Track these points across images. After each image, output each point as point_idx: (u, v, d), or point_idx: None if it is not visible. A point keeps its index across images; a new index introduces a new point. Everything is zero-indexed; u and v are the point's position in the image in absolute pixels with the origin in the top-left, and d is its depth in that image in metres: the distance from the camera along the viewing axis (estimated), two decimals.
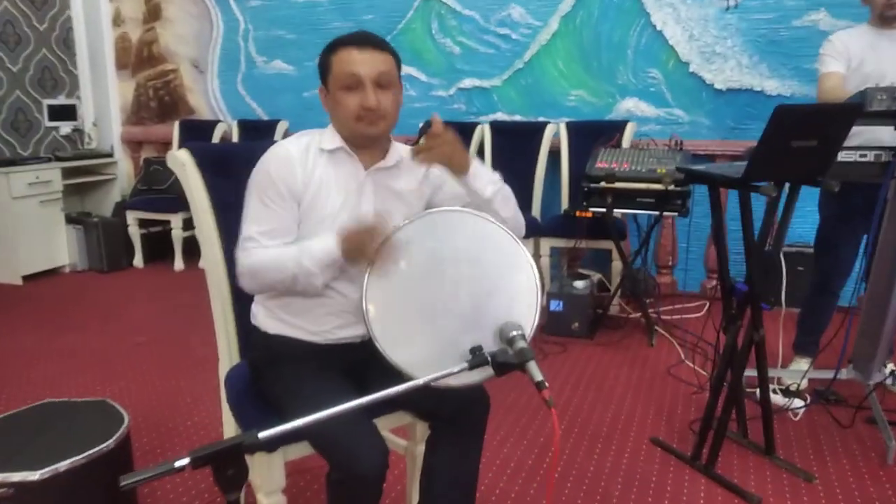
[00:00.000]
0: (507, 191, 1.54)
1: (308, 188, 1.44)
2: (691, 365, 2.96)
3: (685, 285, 4.03)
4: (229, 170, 1.67)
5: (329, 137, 1.49)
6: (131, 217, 4.82)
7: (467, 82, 4.36)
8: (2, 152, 4.73)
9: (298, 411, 1.35)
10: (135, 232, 4.84)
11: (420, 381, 1.15)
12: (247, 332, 1.62)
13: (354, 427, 1.32)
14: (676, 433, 2.41)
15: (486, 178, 1.49)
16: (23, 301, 4.08)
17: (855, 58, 2.51)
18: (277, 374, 1.47)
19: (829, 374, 2.52)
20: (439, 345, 1.30)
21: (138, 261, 4.90)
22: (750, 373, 2.25)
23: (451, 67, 4.38)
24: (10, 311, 3.87)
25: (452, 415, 1.50)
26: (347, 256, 1.37)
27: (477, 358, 1.17)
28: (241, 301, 1.66)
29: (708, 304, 3.77)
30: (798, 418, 2.51)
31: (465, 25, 4.30)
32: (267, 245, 1.43)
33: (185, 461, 0.91)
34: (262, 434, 0.98)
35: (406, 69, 4.46)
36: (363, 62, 1.41)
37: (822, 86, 2.57)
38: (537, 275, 1.34)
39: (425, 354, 1.30)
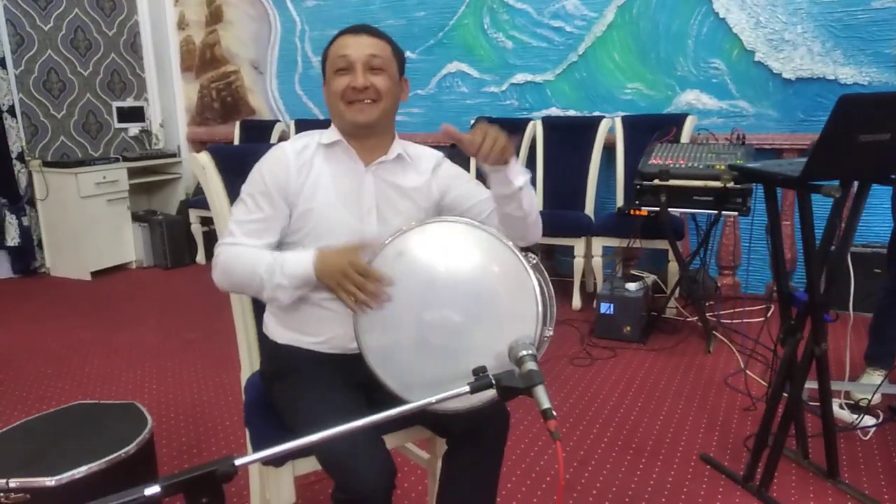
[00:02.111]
0: (530, 185, 1.48)
1: (303, 189, 1.41)
2: (750, 374, 2.77)
3: (749, 287, 3.79)
4: (248, 172, 1.64)
5: (328, 133, 1.47)
6: (194, 215, 4.94)
7: (520, 77, 4.24)
8: (73, 153, 4.95)
9: (302, 426, 1.33)
10: (197, 229, 4.97)
11: (417, 405, 1.07)
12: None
13: (357, 444, 1.25)
14: (729, 450, 2.25)
15: (518, 167, 1.43)
16: (89, 296, 4.25)
17: None
18: (285, 385, 1.43)
19: None
20: (442, 366, 1.23)
21: (200, 257, 5.03)
22: (813, 384, 2.06)
23: (504, 62, 4.27)
24: (77, 306, 4.04)
25: (468, 431, 1.42)
26: (321, 279, 1.32)
27: (480, 380, 1.08)
28: (262, 306, 1.63)
29: (773, 308, 3.53)
30: (868, 437, 2.29)
31: (518, 19, 4.18)
32: (246, 243, 1.40)
33: (155, 489, 0.87)
34: (239, 461, 0.93)
35: (458, 65, 4.45)
36: (353, 45, 1.40)
37: None
38: (539, 299, 1.24)
39: (427, 376, 1.23)
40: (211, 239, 5.04)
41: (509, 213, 1.44)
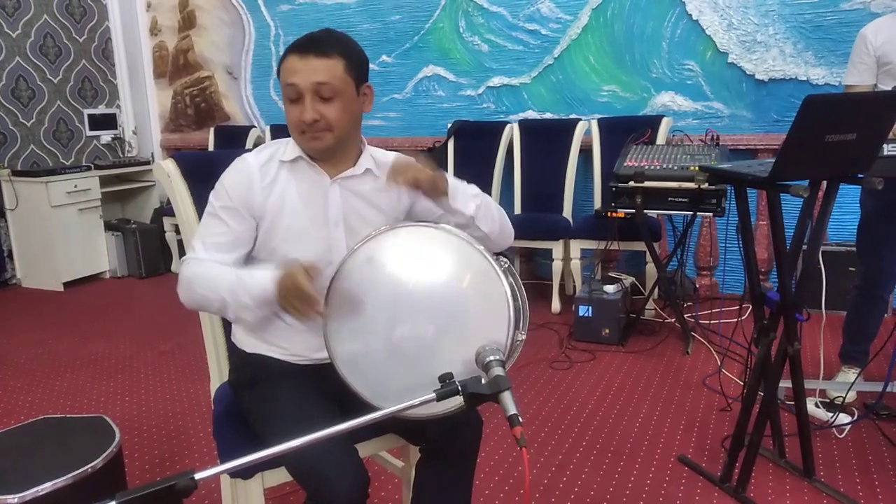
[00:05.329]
0: (489, 203, 1.44)
1: (268, 203, 1.37)
2: (728, 374, 2.78)
3: (727, 287, 3.82)
4: (214, 179, 1.61)
5: (291, 147, 1.41)
6: (168, 223, 4.87)
7: (496, 80, 4.23)
8: (44, 162, 4.86)
9: (272, 436, 1.30)
10: (171, 238, 4.90)
11: (384, 413, 1.05)
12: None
13: (330, 453, 1.23)
14: (707, 451, 2.25)
15: (466, 194, 1.39)
16: (61, 307, 4.17)
17: (891, 52, 2.30)
18: (254, 395, 1.40)
19: (878, 387, 2.32)
20: (412, 373, 1.21)
21: (175, 266, 4.95)
22: (789, 383, 2.07)
23: (480, 66, 4.26)
24: (48, 317, 3.96)
25: (440, 438, 1.40)
26: (279, 302, 1.27)
27: (446, 387, 1.06)
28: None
29: (751, 308, 3.55)
30: (843, 436, 2.31)
31: (493, 22, 4.18)
32: (213, 258, 1.36)
33: None
34: (199, 475, 0.90)
35: (434, 69, 4.43)
36: (301, 71, 1.30)
37: None
38: (510, 303, 1.22)
39: (399, 382, 1.21)
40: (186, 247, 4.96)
41: (470, 232, 1.41)
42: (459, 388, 1.07)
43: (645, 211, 3.01)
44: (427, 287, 1.26)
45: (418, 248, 1.30)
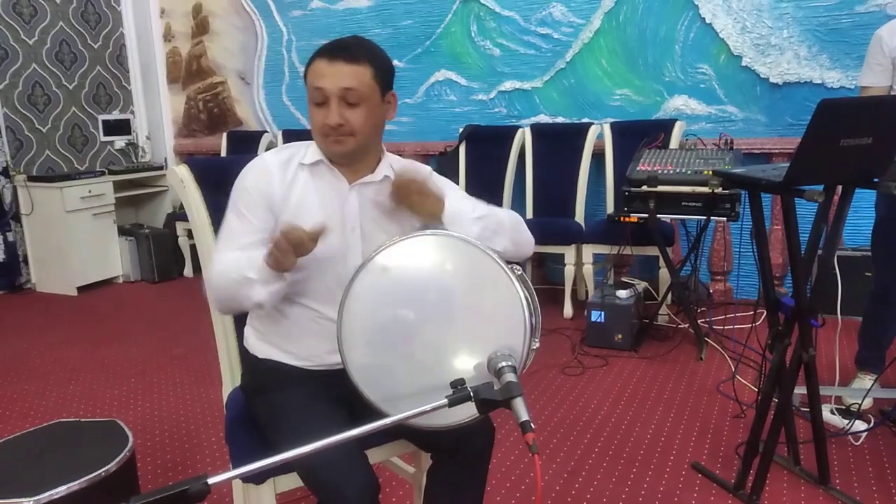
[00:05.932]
0: (498, 222, 1.41)
1: (287, 203, 1.38)
2: (742, 381, 2.75)
3: (742, 293, 3.78)
4: (228, 184, 1.62)
5: (312, 151, 1.42)
6: (181, 228, 4.91)
7: (508, 85, 4.23)
8: (59, 167, 4.91)
9: (284, 442, 1.30)
10: (184, 242, 4.93)
11: (395, 418, 1.05)
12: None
13: (339, 459, 1.23)
14: (721, 458, 2.23)
15: (465, 222, 1.36)
16: (75, 312, 4.20)
17: None
18: (266, 400, 1.40)
19: (895, 394, 2.30)
20: (426, 381, 1.21)
21: (188, 270, 4.99)
22: (804, 390, 2.05)
23: (492, 70, 4.26)
24: (62, 322, 3.99)
25: (452, 445, 1.39)
26: (268, 262, 1.27)
27: (458, 393, 1.06)
28: (242, 320, 1.61)
29: (766, 314, 3.51)
30: (859, 443, 2.28)
31: (505, 26, 4.18)
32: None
33: None
34: (212, 480, 0.90)
35: (446, 73, 4.44)
36: (329, 76, 1.32)
37: None
38: (526, 310, 1.21)
39: (413, 391, 1.21)
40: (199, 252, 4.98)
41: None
42: (471, 394, 1.06)
43: (658, 215, 3.00)
44: (442, 295, 1.25)
45: (432, 257, 1.29)
